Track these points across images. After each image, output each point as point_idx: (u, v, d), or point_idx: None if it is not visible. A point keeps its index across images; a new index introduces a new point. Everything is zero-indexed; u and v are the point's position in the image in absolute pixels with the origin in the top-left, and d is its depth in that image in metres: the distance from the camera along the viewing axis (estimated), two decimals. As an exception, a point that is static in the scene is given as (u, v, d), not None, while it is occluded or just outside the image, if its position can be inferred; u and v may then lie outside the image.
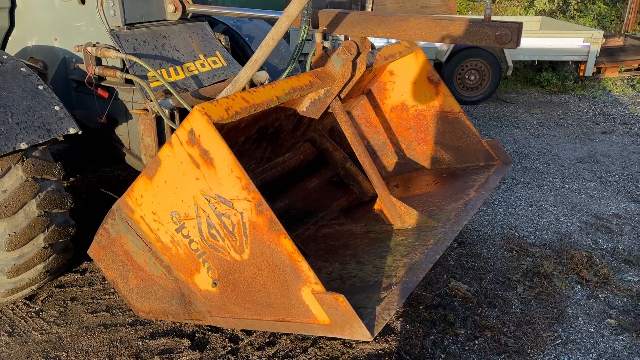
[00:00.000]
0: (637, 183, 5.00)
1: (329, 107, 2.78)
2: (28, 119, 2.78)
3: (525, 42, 7.66)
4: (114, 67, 3.30)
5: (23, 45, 3.72)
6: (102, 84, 3.37)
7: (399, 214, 2.91)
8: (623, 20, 11.91)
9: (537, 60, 8.38)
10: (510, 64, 7.52)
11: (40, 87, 2.94)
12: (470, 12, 13.84)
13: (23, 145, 2.71)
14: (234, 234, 2.16)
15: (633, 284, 3.46)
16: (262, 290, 2.19)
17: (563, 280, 3.48)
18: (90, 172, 4.86)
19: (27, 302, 3.26)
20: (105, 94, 3.37)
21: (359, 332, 1.94)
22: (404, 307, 3.22)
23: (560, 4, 12.86)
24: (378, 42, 5.81)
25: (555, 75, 8.49)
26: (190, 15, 3.58)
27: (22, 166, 2.78)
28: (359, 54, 2.71)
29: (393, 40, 3.84)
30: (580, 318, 3.15)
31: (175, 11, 3.48)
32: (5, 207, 2.73)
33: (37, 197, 2.85)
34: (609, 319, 3.14)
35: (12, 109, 2.74)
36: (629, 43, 9.03)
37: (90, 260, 3.67)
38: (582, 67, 7.75)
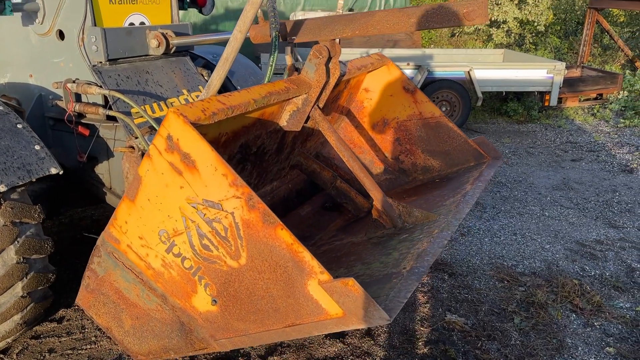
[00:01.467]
0: (613, 209, 5.12)
1: (309, 117, 2.74)
2: (7, 159, 2.62)
3: (492, 73, 7.90)
4: (95, 104, 3.17)
5: (-6, 82, 3.55)
6: (82, 121, 3.23)
7: (398, 214, 2.83)
8: (577, 53, 12.50)
9: (504, 91, 8.63)
10: (480, 94, 7.71)
11: (19, 126, 2.79)
12: (432, 45, 14.25)
13: (2, 188, 2.54)
14: (228, 239, 2.01)
15: (625, 311, 3.47)
16: (265, 296, 2.02)
17: (558, 309, 3.46)
18: (62, 213, 4.64)
19: (1, 355, 3.01)
20: (86, 132, 3.23)
21: (375, 315, 1.77)
22: (403, 343, 3.13)
23: (517, 38, 13.39)
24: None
25: (521, 105, 8.74)
26: (173, 49, 3.50)
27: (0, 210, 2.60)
28: (330, 58, 2.66)
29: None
30: (580, 348, 3.13)
31: (158, 46, 3.39)
32: (-18, 254, 2.54)
33: (16, 242, 2.66)
34: (607, 348, 3.13)
35: (-11, 150, 2.58)
36: (586, 74, 9.42)
37: (68, 307, 3.46)
38: (547, 97, 8.01)
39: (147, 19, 3.48)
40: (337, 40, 2.78)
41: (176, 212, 2.07)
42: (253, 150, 2.80)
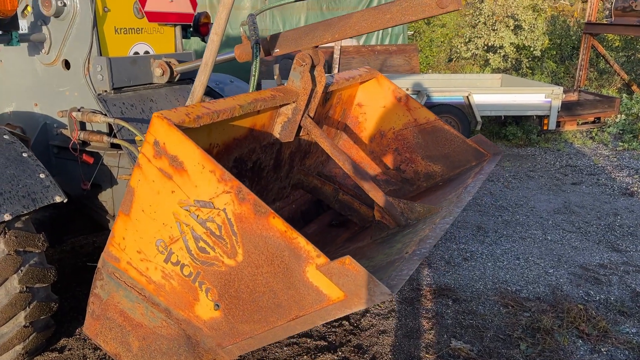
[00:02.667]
0: (615, 232, 5.11)
1: (301, 127, 2.79)
2: (12, 188, 2.63)
3: (490, 98, 7.97)
4: (99, 132, 3.19)
5: (0, 112, 3.58)
6: (87, 149, 3.25)
7: (400, 212, 2.84)
8: (573, 77, 12.64)
9: (503, 115, 8.70)
10: (479, 119, 7.77)
11: (25, 155, 2.81)
12: (430, 70, 14.41)
13: (7, 217, 2.54)
14: (223, 237, 1.99)
15: (632, 336, 3.44)
16: (266, 292, 1.98)
17: (564, 335, 3.43)
18: (65, 241, 4.63)
19: (1, 387, 2.97)
20: (90, 160, 3.24)
21: (376, 292, 1.73)
22: (409, 371, 3.09)
23: (513, 63, 13.55)
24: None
25: (520, 129, 8.80)
26: (177, 77, 3.55)
27: (3, 239, 2.60)
28: (314, 66, 2.71)
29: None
30: (587, 374, 3.10)
31: (162, 74, 3.44)
32: (-15, 284, 2.53)
33: (19, 271, 2.66)
34: (615, 374, 3.10)
35: (-5, 179, 2.59)
36: (583, 97, 9.52)
37: (70, 336, 3.43)
38: (546, 121, 8.07)
39: (151, 48, 3.53)
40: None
41: (170, 219, 2.06)
42: (249, 166, 2.81)
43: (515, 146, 8.63)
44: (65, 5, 3.10)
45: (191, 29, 3.96)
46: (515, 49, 13.10)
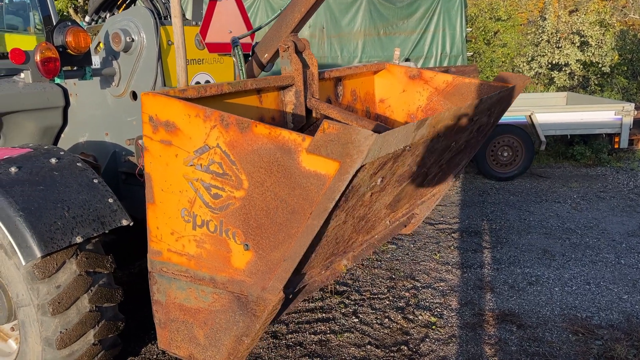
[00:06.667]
0: (697, 256, 4.76)
1: (310, 111, 2.94)
2: (83, 212, 2.79)
3: (555, 116, 7.70)
4: (163, 158, 3.35)
5: (75, 141, 3.83)
6: (152, 175, 3.41)
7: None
8: (647, 92, 12.02)
9: (569, 135, 8.37)
10: (543, 138, 7.51)
11: (95, 181, 2.98)
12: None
13: (79, 239, 2.70)
14: (226, 173, 2.05)
15: None
16: (278, 204, 1.99)
17: (640, 365, 3.22)
18: (132, 263, 4.83)
19: (72, 403, 3.11)
20: (155, 185, 3.39)
21: (361, 140, 1.69)
22: (471, 399, 2.98)
23: (580, 80, 13.05)
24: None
25: (589, 148, 8.43)
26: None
27: (76, 260, 2.75)
28: (300, 51, 2.83)
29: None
30: (668, 408, 2.88)
31: (222, 102, 3.58)
32: (59, 303, 2.68)
33: (90, 291, 2.80)
34: (700, 409, 2.86)
35: (68, 203, 2.76)
36: (659, 114, 9.01)
37: (136, 354, 3.55)
38: (617, 139, 7.68)
39: (212, 77, 3.69)
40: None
41: (183, 183, 2.17)
42: None
43: (583, 166, 8.27)
44: (133, 40, 3.31)
45: (250, 58, 4.11)
46: (582, 66, 12.63)
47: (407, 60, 12.25)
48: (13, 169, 2.76)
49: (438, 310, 3.98)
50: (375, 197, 2.49)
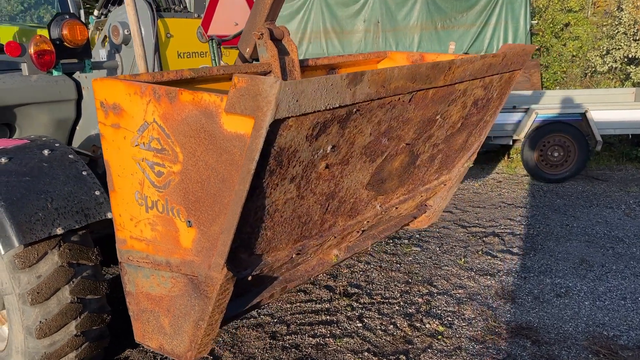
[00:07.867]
0: None
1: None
2: (68, 204, 2.81)
3: (615, 114, 7.09)
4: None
5: (87, 134, 3.91)
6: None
7: None
8: None
9: (631, 134, 7.68)
10: (599, 138, 6.92)
11: (84, 173, 2.99)
12: (558, 87, 13.30)
13: (59, 231, 2.72)
14: (164, 148, 1.98)
15: None
16: (210, 174, 1.90)
17: (664, 395, 2.85)
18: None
19: (63, 391, 3.17)
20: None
21: (266, 85, 1.57)
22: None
23: (661, 75, 11.99)
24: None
25: (656, 150, 7.72)
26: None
27: (58, 251, 2.78)
28: (279, 39, 2.79)
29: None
30: None
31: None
32: (38, 293, 2.71)
33: (71, 282, 2.82)
34: None
35: (52, 195, 2.79)
36: None
37: (134, 347, 3.58)
38: (687, 140, 6.96)
39: (214, 71, 3.64)
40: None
41: (133, 165, 2.12)
42: None
43: (648, 169, 7.58)
44: (131, 33, 3.32)
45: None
46: (660, 60, 11.61)
47: (465, 54, 11.78)
48: (3, 160, 2.81)
49: (449, 319, 3.73)
50: (337, 170, 2.30)
